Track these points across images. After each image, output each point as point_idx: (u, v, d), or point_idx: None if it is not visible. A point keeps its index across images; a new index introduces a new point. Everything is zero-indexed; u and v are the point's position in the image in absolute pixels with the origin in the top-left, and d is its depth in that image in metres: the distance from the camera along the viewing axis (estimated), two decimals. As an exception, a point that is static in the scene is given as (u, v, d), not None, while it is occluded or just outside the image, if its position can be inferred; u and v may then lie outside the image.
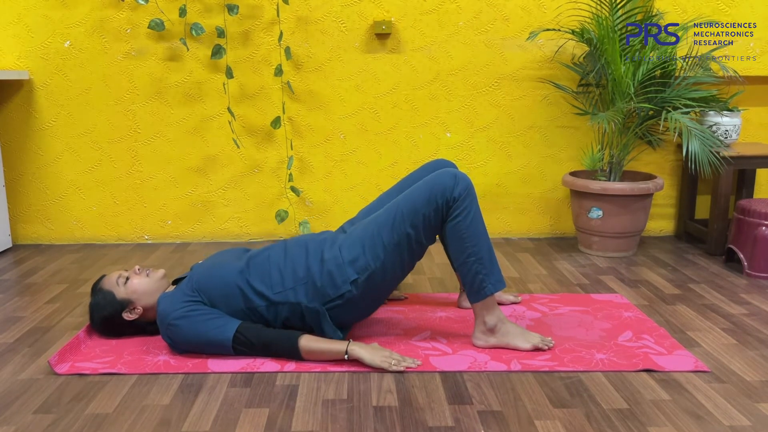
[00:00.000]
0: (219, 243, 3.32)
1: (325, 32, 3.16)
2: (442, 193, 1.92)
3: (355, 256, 1.97)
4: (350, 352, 1.91)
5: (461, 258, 1.97)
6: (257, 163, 3.28)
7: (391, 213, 1.98)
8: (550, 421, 1.62)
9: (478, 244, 1.96)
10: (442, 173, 1.97)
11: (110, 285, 2.05)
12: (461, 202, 1.93)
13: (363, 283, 1.96)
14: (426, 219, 1.94)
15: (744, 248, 2.76)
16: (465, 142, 3.30)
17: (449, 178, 1.94)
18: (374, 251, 1.96)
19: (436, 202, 1.93)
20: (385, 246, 1.95)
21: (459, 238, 1.95)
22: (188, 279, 2.03)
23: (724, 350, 2.03)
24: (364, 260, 1.96)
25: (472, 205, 1.95)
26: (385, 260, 1.96)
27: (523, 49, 3.20)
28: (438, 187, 1.93)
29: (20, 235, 3.31)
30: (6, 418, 1.66)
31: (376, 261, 1.96)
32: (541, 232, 3.43)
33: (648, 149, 3.31)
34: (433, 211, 1.93)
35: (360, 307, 2.03)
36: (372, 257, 1.96)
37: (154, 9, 3.08)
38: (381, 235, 1.96)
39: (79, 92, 3.18)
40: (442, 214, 1.94)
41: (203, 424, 1.62)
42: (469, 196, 1.94)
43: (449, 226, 1.95)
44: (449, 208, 1.93)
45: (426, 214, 1.94)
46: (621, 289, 2.61)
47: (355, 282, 1.96)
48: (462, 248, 1.96)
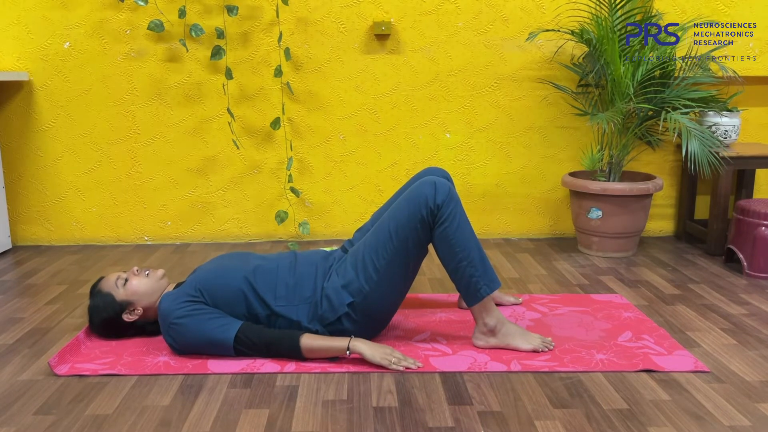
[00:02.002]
0: (219, 244, 3.32)
1: (324, 33, 3.17)
2: (425, 203, 1.92)
3: (349, 281, 1.97)
4: (352, 347, 1.92)
5: (453, 263, 1.97)
6: (257, 164, 3.28)
7: (379, 233, 1.98)
8: (550, 422, 1.62)
9: (468, 248, 1.95)
10: (420, 184, 1.96)
11: (109, 287, 2.04)
12: (444, 208, 1.92)
13: (360, 305, 1.96)
14: (414, 232, 1.94)
15: (744, 248, 2.76)
16: (464, 142, 3.30)
17: (428, 188, 1.93)
18: (366, 273, 1.96)
19: (420, 214, 1.92)
20: (377, 267, 1.95)
21: (448, 243, 1.94)
22: (191, 279, 2.02)
23: (724, 350, 2.03)
24: (358, 284, 1.96)
25: (457, 210, 1.94)
26: (379, 281, 1.95)
27: (523, 49, 3.21)
28: (420, 198, 1.93)
29: (20, 236, 3.31)
30: (6, 419, 1.66)
31: (370, 283, 1.95)
32: (541, 233, 3.43)
33: (647, 149, 3.31)
34: (419, 223, 1.93)
35: (363, 331, 2.02)
36: (365, 279, 1.96)
37: (154, 10, 3.08)
38: (371, 257, 1.96)
39: (79, 93, 3.18)
40: (429, 224, 1.94)
41: (203, 425, 1.62)
42: (452, 201, 1.94)
43: (437, 233, 1.94)
44: (434, 216, 1.93)
45: (413, 227, 1.93)
46: (621, 289, 2.61)
47: (352, 305, 1.96)
48: (452, 253, 1.95)
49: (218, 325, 1.93)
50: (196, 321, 1.92)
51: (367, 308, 1.97)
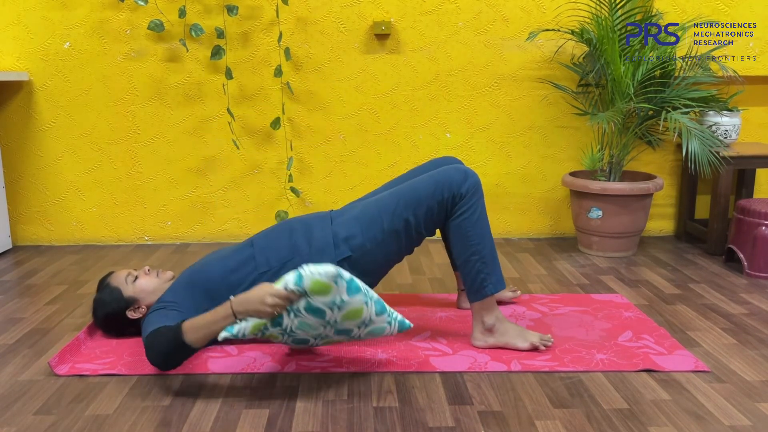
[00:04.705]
0: (219, 244, 3.32)
1: (324, 33, 3.17)
2: (449, 187, 1.92)
3: (352, 234, 1.95)
4: (235, 307, 1.66)
5: (464, 256, 1.97)
6: (257, 164, 3.28)
7: (394, 198, 1.97)
8: (551, 421, 1.62)
9: (482, 243, 1.95)
10: (451, 168, 1.96)
11: (118, 282, 2.04)
12: (468, 199, 1.92)
13: (355, 262, 1.94)
14: (429, 210, 1.93)
15: (744, 248, 2.76)
16: (465, 142, 3.30)
17: (458, 174, 1.93)
18: (372, 233, 1.94)
19: (442, 195, 1.92)
20: (384, 230, 1.94)
21: (463, 236, 1.94)
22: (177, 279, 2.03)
23: (724, 350, 2.03)
24: (361, 239, 1.94)
25: (479, 204, 1.95)
26: (381, 243, 1.94)
27: (523, 49, 3.21)
28: (446, 181, 1.93)
29: (20, 237, 3.31)
30: (6, 419, 1.66)
31: (373, 242, 1.94)
32: (541, 232, 3.43)
33: (648, 149, 3.31)
34: (437, 203, 1.93)
35: None
36: (369, 238, 1.94)
37: (154, 10, 3.08)
38: (381, 218, 1.95)
39: (79, 93, 3.18)
40: (447, 208, 1.93)
41: (203, 425, 1.62)
42: (477, 193, 1.94)
43: (454, 223, 1.95)
44: (455, 204, 1.93)
45: (430, 205, 1.93)
46: (621, 289, 2.61)
47: (348, 259, 1.94)
48: (465, 246, 1.95)
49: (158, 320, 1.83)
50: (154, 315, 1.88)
51: (361, 266, 1.95)
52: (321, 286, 1.63)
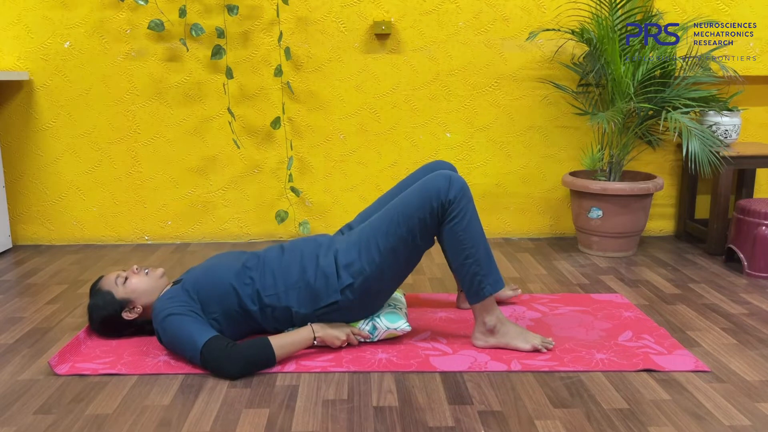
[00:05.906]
0: (219, 243, 3.32)
1: (324, 33, 3.17)
2: (436, 196, 1.92)
3: (351, 261, 1.97)
4: (316, 333, 1.97)
5: (459, 260, 1.97)
6: (257, 164, 3.28)
7: (386, 217, 1.98)
8: (551, 421, 1.62)
9: (476, 246, 1.95)
10: (435, 176, 1.96)
11: (109, 285, 2.04)
12: (456, 204, 1.92)
13: (358, 288, 1.96)
14: (422, 222, 1.94)
15: (744, 248, 2.76)
16: (465, 142, 3.30)
17: (443, 181, 1.93)
18: (369, 255, 1.96)
19: (431, 205, 1.92)
20: (381, 250, 1.95)
21: (456, 240, 1.94)
22: (184, 279, 2.03)
23: (724, 350, 2.03)
24: (360, 264, 1.96)
25: (468, 207, 1.94)
26: (380, 264, 1.95)
27: (523, 49, 3.21)
28: (432, 190, 1.93)
29: (20, 236, 3.31)
30: (6, 419, 1.66)
31: (371, 265, 1.95)
32: (541, 232, 3.43)
33: (648, 149, 3.31)
34: (428, 214, 1.93)
35: (354, 314, 2.03)
36: (367, 261, 1.95)
37: (154, 9, 3.08)
38: (376, 240, 1.96)
39: (79, 93, 3.18)
40: (438, 216, 1.94)
41: (203, 425, 1.62)
42: (465, 197, 1.94)
43: (446, 228, 1.95)
44: (445, 211, 1.93)
45: (421, 217, 1.93)
46: (621, 289, 2.61)
47: (351, 286, 1.96)
48: (459, 250, 1.95)
49: (197, 327, 1.89)
50: (179, 319, 1.90)
51: (363, 293, 1.97)
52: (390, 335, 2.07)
